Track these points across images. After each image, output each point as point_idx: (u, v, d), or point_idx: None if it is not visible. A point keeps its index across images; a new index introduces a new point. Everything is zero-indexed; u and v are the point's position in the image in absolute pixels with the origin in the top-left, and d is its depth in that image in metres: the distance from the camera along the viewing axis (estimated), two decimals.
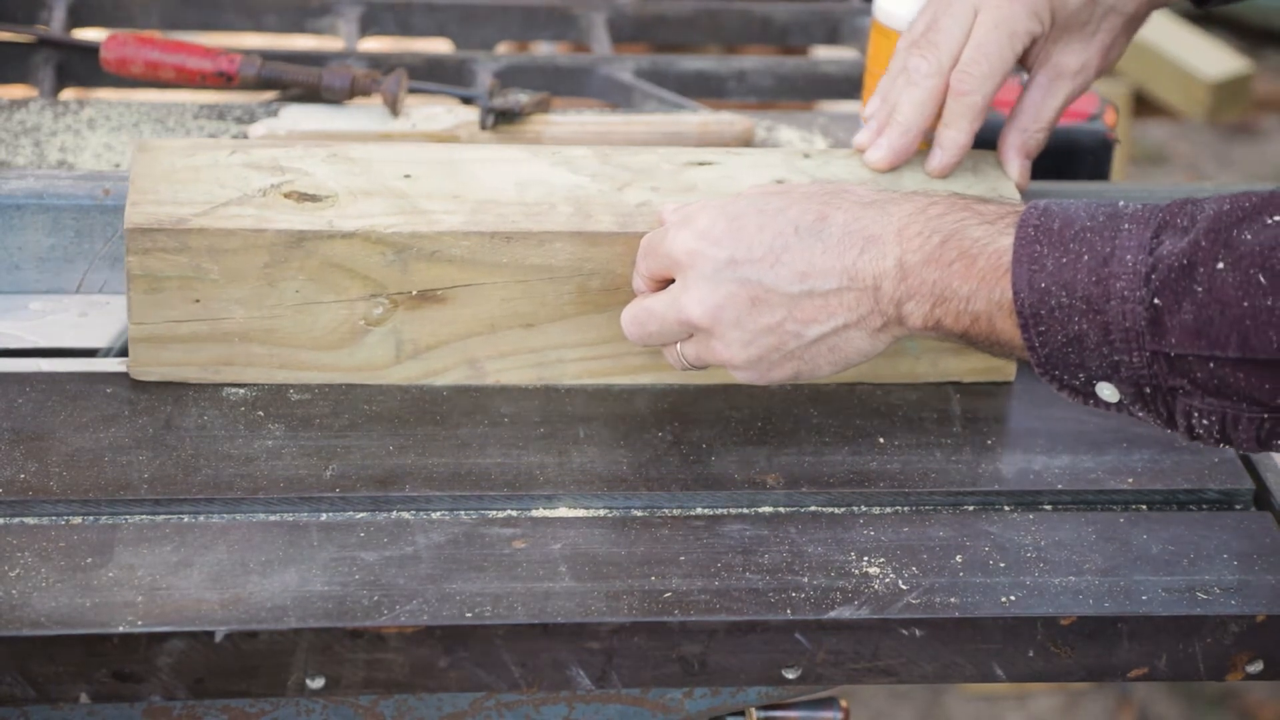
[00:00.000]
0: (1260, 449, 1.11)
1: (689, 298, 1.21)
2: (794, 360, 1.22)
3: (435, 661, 1.17)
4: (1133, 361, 1.10)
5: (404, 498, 1.25)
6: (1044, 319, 1.12)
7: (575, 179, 1.35)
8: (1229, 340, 1.06)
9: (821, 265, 1.18)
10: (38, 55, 1.65)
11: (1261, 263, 1.06)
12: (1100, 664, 1.22)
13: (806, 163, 1.39)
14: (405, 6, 1.80)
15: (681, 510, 1.28)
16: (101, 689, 1.15)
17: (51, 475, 1.24)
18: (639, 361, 1.36)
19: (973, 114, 1.34)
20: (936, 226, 1.17)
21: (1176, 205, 1.11)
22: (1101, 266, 1.10)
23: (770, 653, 1.19)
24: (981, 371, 1.39)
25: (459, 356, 1.34)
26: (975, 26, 1.33)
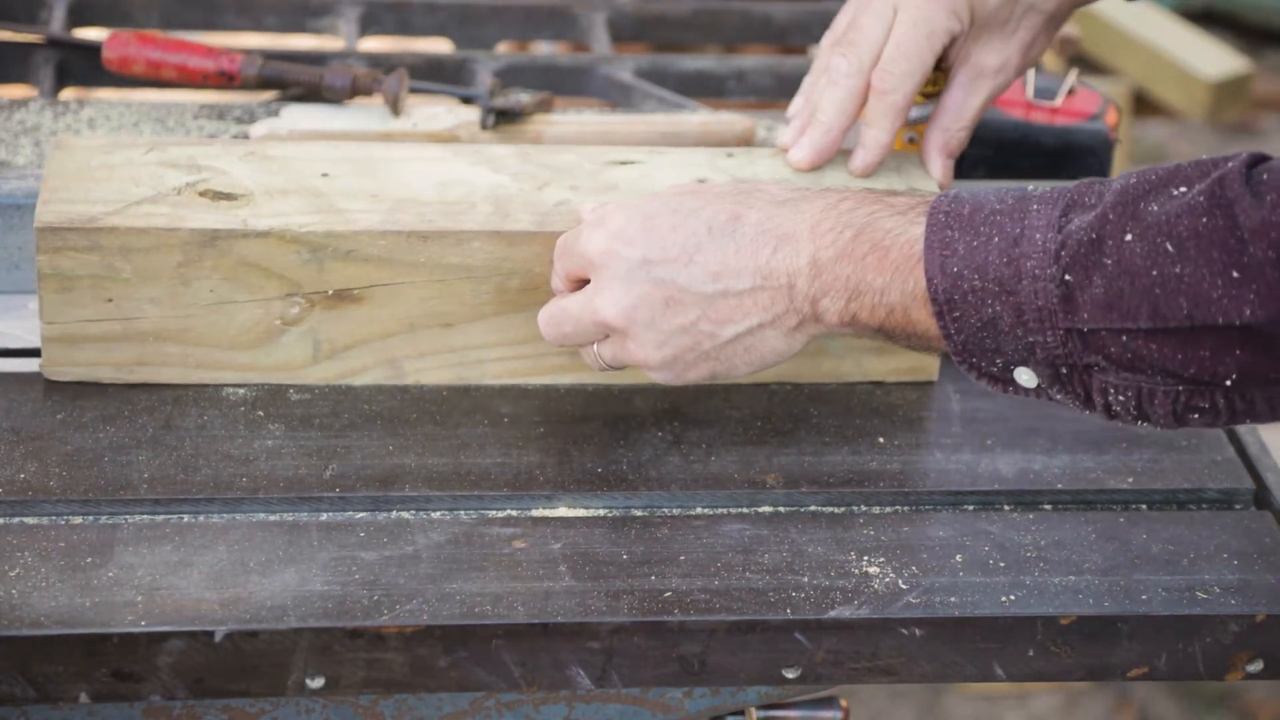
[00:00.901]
0: (1177, 424, 1.11)
1: (603, 298, 1.21)
2: (709, 360, 1.21)
3: (435, 661, 1.17)
4: (1047, 341, 1.10)
5: (404, 497, 1.25)
6: (958, 304, 1.12)
7: (496, 178, 1.35)
8: (1140, 310, 1.06)
9: (735, 265, 1.18)
10: (38, 55, 1.65)
11: (1169, 231, 1.06)
12: (1100, 663, 1.22)
13: (729, 162, 1.38)
14: (405, 6, 1.80)
15: (681, 510, 1.28)
16: (101, 689, 1.15)
17: (51, 475, 1.24)
18: (560, 361, 1.35)
19: (894, 112, 1.34)
20: (848, 221, 1.17)
21: (1084, 185, 1.12)
22: (1012, 247, 1.10)
23: (770, 652, 1.19)
24: (904, 371, 1.38)
25: (378, 356, 1.33)
26: (895, 25, 1.33)
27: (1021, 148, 1.55)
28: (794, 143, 1.36)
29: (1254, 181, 1.05)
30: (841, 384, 1.38)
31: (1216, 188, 1.05)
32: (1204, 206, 1.05)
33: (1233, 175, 1.06)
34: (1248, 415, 1.09)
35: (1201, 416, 1.10)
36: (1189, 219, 1.05)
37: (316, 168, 1.34)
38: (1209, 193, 1.06)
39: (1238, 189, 1.05)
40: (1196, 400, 1.09)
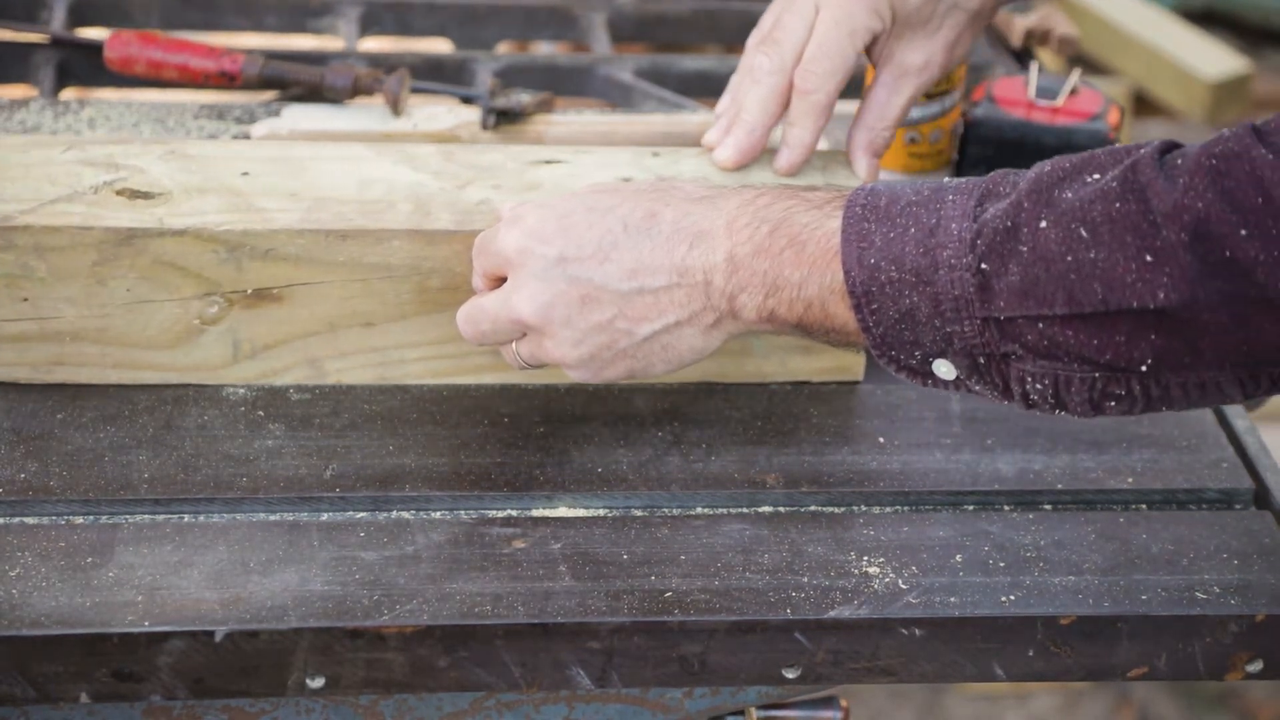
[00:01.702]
0: (1094, 412, 1.11)
1: (519, 296, 1.20)
2: (627, 359, 1.21)
3: (435, 661, 1.17)
4: (964, 331, 1.10)
5: (404, 497, 1.25)
6: (875, 296, 1.12)
7: (418, 177, 1.34)
8: (1055, 297, 1.06)
9: (651, 262, 1.18)
10: (38, 55, 1.65)
11: (1082, 217, 1.06)
12: (1100, 663, 1.22)
13: (655, 161, 1.37)
14: (405, 6, 1.80)
15: (681, 510, 1.28)
16: (102, 689, 1.15)
17: (52, 475, 1.25)
18: (484, 361, 1.35)
19: (816, 112, 1.34)
20: (765, 216, 1.16)
21: (999, 175, 1.12)
22: (928, 237, 1.10)
23: (770, 652, 1.19)
24: (830, 371, 1.38)
25: (299, 356, 1.33)
26: (817, 24, 1.33)
27: (1022, 147, 1.55)
28: (719, 142, 1.36)
29: (1167, 166, 1.05)
30: (843, 383, 1.38)
31: (1129, 173, 1.06)
32: (1117, 191, 1.05)
33: (1145, 160, 1.06)
34: (1164, 402, 1.09)
35: (1118, 404, 1.10)
36: (1102, 204, 1.06)
37: (236, 167, 1.33)
38: (1122, 178, 1.06)
39: (1150, 173, 1.05)
40: (1113, 387, 1.09)
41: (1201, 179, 1.03)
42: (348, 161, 1.35)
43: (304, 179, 1.33)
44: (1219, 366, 1.06)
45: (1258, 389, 1.08)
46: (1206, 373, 1.07)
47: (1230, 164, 1.03)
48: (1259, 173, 1.02)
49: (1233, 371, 1.06)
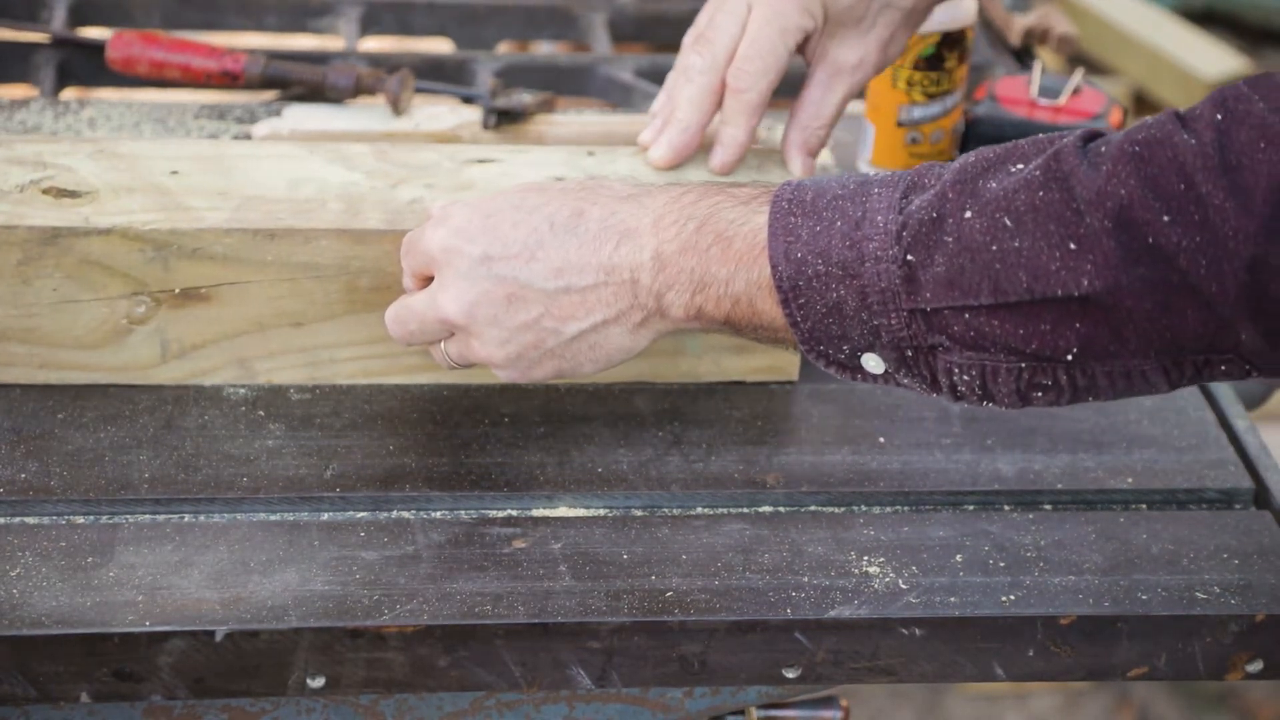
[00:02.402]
0: (1021, 403, 1.10)
1: (445, 296, 1.19)
2: (555, 358, 1.20)
3: (435, 661, 1.17)
4: (891, 324, 1.10)
5: (404, 497, 1.25)
6: (803, 290, 1.11)
7: (350, 176, 1.33)
8: (981, 287, 1.06)
9: (577, 261, 1.17)
10: (39, 54, 1.65)
11: (1007, 206, 1.06)
12: (1100, 663, 1.22)
13: (590, 161, 1.37)
14: (405, 6, 1.80)
15: (681, 510, 1.28)
16: (102, 688, 1.15)
17: (52, 474, 1.25)
18: (414, 361, 1.34)
19: (749, 111, 1.33)
20: (691, 213, 1.16)
21: (924, 167, 1.12)
22: (854, 230, 1.10)
23: (770, 652, 1.19)
24: (764, 370, 1.38)
25: (228, 356, 1.32)
26: (749, 22, 1.33)
27: None
28: (654, 141, 1.36)
29: (1090, 154, 1.05)
30: (840, 384, 1.38)
31: (1052, 161, 1.06)
32: (1040, 180, 1.05)
33: (1068, 148, 1.06)
34: (1090, 392, 1.09)
35: (1045, 394, 1.10)
36: (1026, 193, 1.06)
37: (166, 165, 1.33)
38: (1045, 166, 1.06)
39: (1073, 161, 1.05)
40: (1039, 377, 1.09)
41: (1124, 166, 1.03)
42: (280, 160, 1.35)
43: (234, 178, 1.32)
44: (1143, 354, 1.06)
45: (1182, 377, 1.08)
46: (1131, 361, 1.07)
47: (1153, 150, 1.03)
48: (1181, 159, 1.02)
49: (1157, 359, 1.06)
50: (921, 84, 1.57)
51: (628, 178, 1.32)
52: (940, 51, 1.57)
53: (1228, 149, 1.01)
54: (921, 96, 1.57)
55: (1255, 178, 1.00)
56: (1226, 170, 1.01)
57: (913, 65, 1.57)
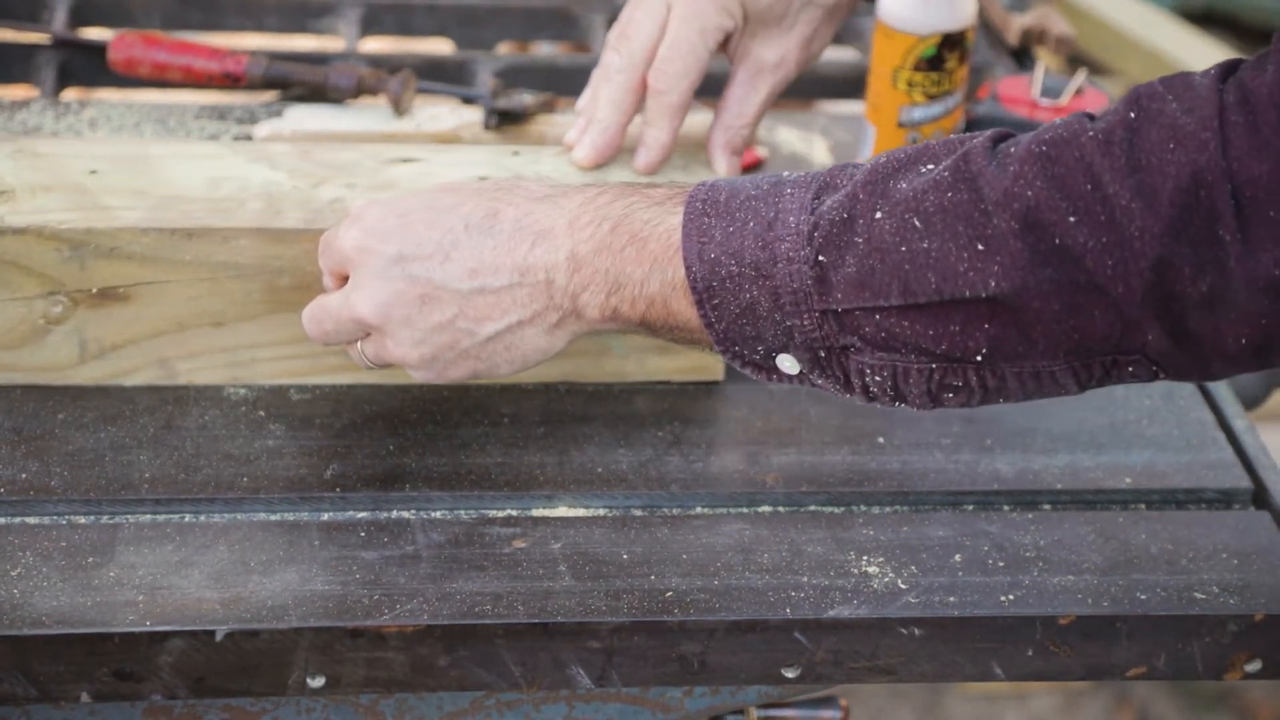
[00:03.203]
0: (933, 404, 1.11)
1: (358, 295, 1.19)
2: (470, 359, 1.19)
3: (435, 660, 1.17)
4: (804, 324, 1.10)
5: (404, 497, 1.26)
6: (716, 291, 1.11)
7: (272, 175, 1.33)
8: (891, 288, 1.06)
9: (492, 261, 1.16)
10: (40, 55, 1.66)
11: (916, 207, 1.06)
12: (1099, 663, 1.22)
13: (514, 160, 1.37)
14: (406, 7, 1.80)
15: (681, 510, 1.28)
16: (102, 688, 1.15)
17: (53, 475, 1.25)
18: (336, 361, 1.33)
19: (671, 112, 1.33)
20: (606, 214, 1.16)
21: (837, 168, 1.12)
22: (767, 231, 1.10)
23: (770, 652, 1.19)
24: (689, 370, 1.37)
25: (148, 356, 1.32)
26: (669, 22, 1.33)
27: None
28: (578, 141, 1.36)
29: (999, 154, 1.05)
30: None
31: (961, 162, 1.06)
32: (949, 181, 1.06)
33: (977, 150, 1.06)
34: (1001, 393, 1.09)
35: (956, 395, 1.10)
36: (935, 194, 1.06)
37: (85, 165, 1.32)
38: (954, 167, 1.06)
39: (981, 162, 1.05)
40: (950, 378, 1.09)
41: (1031, 166, 1.03)
42: (201, 160, 1.34)
43: (153, 177, 1.31)
44: (1052, 355, 1.06)
45: (1091, 379, 1.08)
46: (1040, 362, 1.07)
47: (1060, 150, 1.03)
48: (1088, 159, 1.02)
49: (1066, 360, 1.06)
50: (922, 85, 1.57)
51: (545, 178, 1.31)
52: (941, 52, 1.57)
53: (1137, 148, 1.01)
54: (922, 97, 1.58)
55: (1162, 178, 1.00)
56: (1134, 170, 1.01)
57: (914, 66, 1.57)
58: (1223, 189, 0.99)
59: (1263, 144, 0.99)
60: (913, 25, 1.56)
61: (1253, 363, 1.05)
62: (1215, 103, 1.00)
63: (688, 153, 1.38)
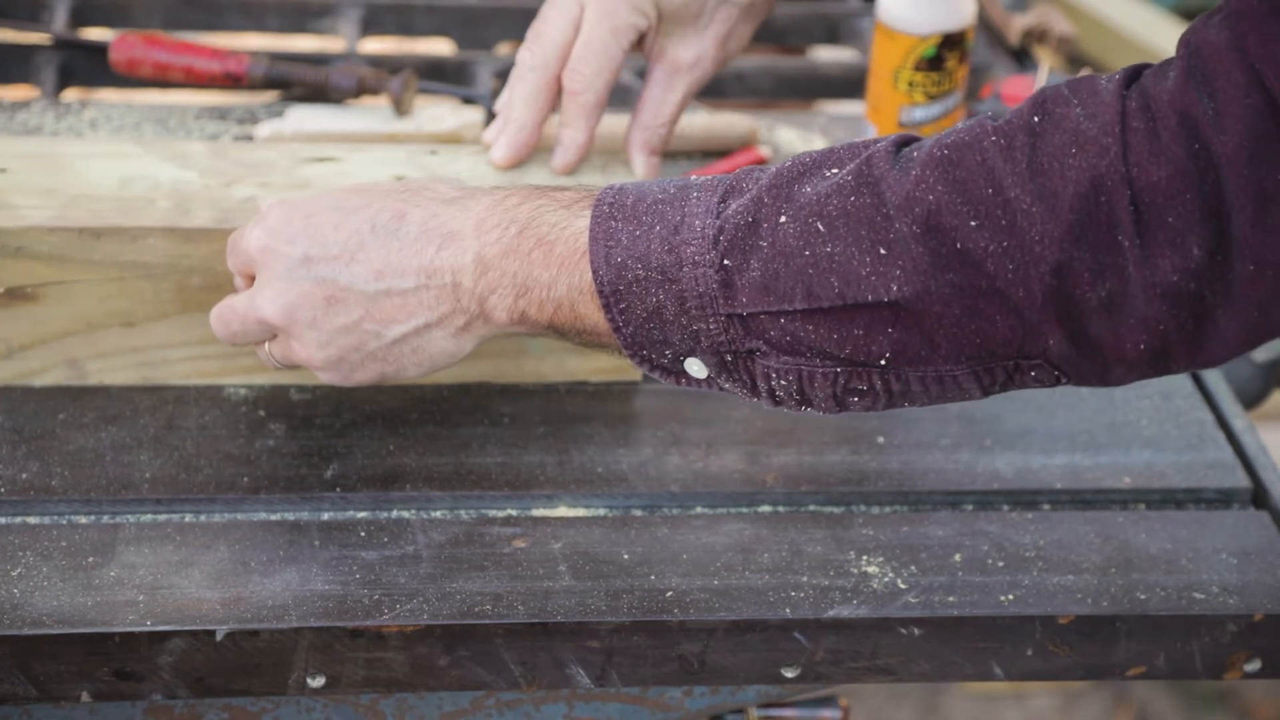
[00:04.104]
0: (838, 408, 1.10)
1: (263, 296, 1.18)
2: (377, 362, 1.18)
3: (435, 660, 1.17)
4: (710, 328, 1.09)
5: (404, 497, 1.26)
6: (623, 295, 1.11)
7: (184, 174, 1.32)
8: (795, 292, 1.06)
9: (398, 263, 1.16)
10: (40, 55, 1.66)
11: (819, 211, 1.06)
12: (1098, 663, 1.22)
13: (432, 160, 1.36)
14: (406, 8, 1.80)
15: (681, 510, 1.28)
16: (103, 688, 1.15)
17: (54, 474, 1.25)
18: (249, 362, 1.33)
19: (587, 112, 1.33)
20: (514, 217, 1.15)
21: (743, 171, 1.12)
22: (673, 235, 1.09)
23: (769, 651, 1.19)
24: (607, 371, 1.37)
25: (57, 356, 1.31)
26: (582, 22, 1.32)
27: None
28: (495, 140, 1.35)
29: (902, 159, 1.05)
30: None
31: (864, 166, 1.06)
32: (852, 185, 1.06)
33: (880, 154, 1.06)
34: (905, 397, 1.09)
35: (861, 399, 1.10)
36: (838, 198, 1.06)
37: None
38: (857, 171, 1.06)
39: (884, 166, 1.05)
40: (855, 382, 1.09)
41: (933, 171, 1.03)
42: (113, 159, 1.33)
43: (63, 176, 1.31)
44: (955, 360, 1.06)
45: (994, 384, 1.08)
46: (944, 366, 1.07)
47: (962, 154, 1.03)
48: (990, 164, 1.02)
49: (968, 365, 1.06)
50: (923, 85, 1.58)
51: (459, 177, 1.31)
52: (941, 53, 1.57)
53: (1039, 152, 1.01)
54: (923, 97, 1.58)
55: (1063, 182, 1.00)
56: (1035, 174, 1.01)
57: (914, 66, 1.57)
58: (1122, 195, 1.00)
59: (1161, 150, 0.99)
60: (913, 25, 1.56)
61: (1152, 369, 1.05)
62: (1118, 109, 1.01)
63: (607, 155, 1.38)
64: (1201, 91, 0.99)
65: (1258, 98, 0.97)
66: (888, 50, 1.58)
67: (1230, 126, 0.98)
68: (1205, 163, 0.98)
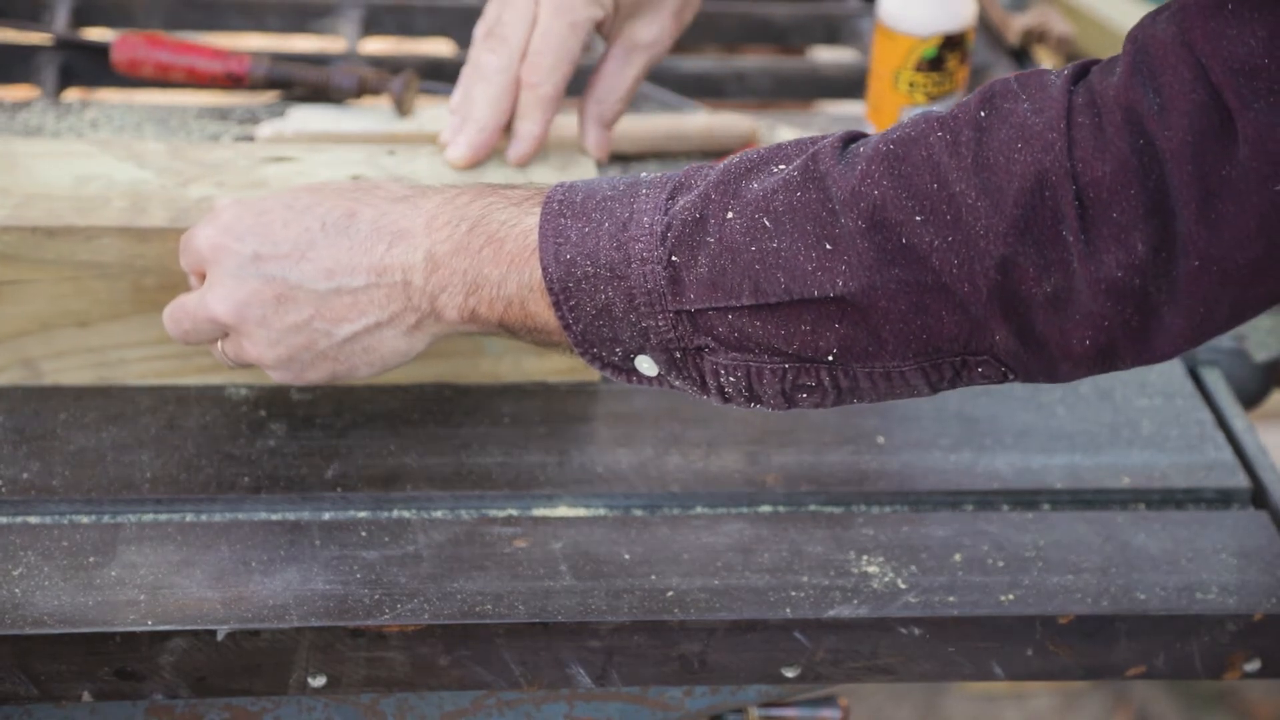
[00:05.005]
0: (787, 404, 1.10)
1: (213, 295, 1.18)
2: (328, 361, 1.18)
3: (436, 660, 1.17)
4: (659, 325, 1.09)
5: (405, 497, 1.26)
6: (573, 292, 1.11)
7: (140, 174, 1.31)
8: (742, 288, 1.06)
9: (348, 262, 1.15)
10: (41, 55, 1.66)
11: (766, 206, 1.06)
12: (1098, 662, 1.22)
13: (389, 160, 1.36)
14: (406, 8, 1.80)
15: (681, 510, 1.28)
16: (104, 687, 1.15)
17: (55, 474, 1.25)
18: (206, 361, 1.32)
19: (544, 105, 1.33)
20: (464, 215, 1.15)
21: (692, 169, 1.12)
22: (621, 231, 1.09)
23: (770, 651, 1.19)
24: (564, 372, 1.37)
25: (11, 356, 1.30)
26: (539, 16, 1.32)
27: None
28: (451, 140, 1.35)
29: (848, 154, 1.05)
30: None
31: (810, 162, 1.06)
32: (798, 181, 1.06)
33: (826, 149, 1.06)
34: (854, 394, 1.09)
35: (810, 395, 1.10)
36: (784, 194, 1.06)
37: None
38: (803, 167, 1.06)
39: (830, 162, 1.05)
40: (803, 378, 1.09)
41: (879, 166, 1.03)
42: (68, 158, 1.33)
43: (17, 175, 1.30)
44: (902, 356, 1.06)
45: (942, 380, 1.08)
46: (891, 362, 1.07)
47: (908, 149, 1.03)
48: (936, 158, 1.02)
49: (915, 361, 1.06)
50: (923, 85, 1.58)
51: (410, 177, 1.31)
52: (941, 53, 1.57)
53: (985, 147, 1.01)
54: (923, 98, 1.58)
55: (1008, 177, 1.00)
56: (980, 169, 1.01)
57: (914, 67, 1.57)
58: (1067, 189, 0.99)
59: (1107, 145, 0.99)
60: (913, 26, 1.56)
61: (1098, 365, 1.05)
62: (1064, 104, 1.01)
63: (565, 153, 1.38)
64: (1147, 86, 0.99)
65: (1203, 93, 0.97)
66: (888, 51, 1.58)
67: (1175, 122, 0.98)
68: (1150, 158, 0.98)
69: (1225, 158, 0.97)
